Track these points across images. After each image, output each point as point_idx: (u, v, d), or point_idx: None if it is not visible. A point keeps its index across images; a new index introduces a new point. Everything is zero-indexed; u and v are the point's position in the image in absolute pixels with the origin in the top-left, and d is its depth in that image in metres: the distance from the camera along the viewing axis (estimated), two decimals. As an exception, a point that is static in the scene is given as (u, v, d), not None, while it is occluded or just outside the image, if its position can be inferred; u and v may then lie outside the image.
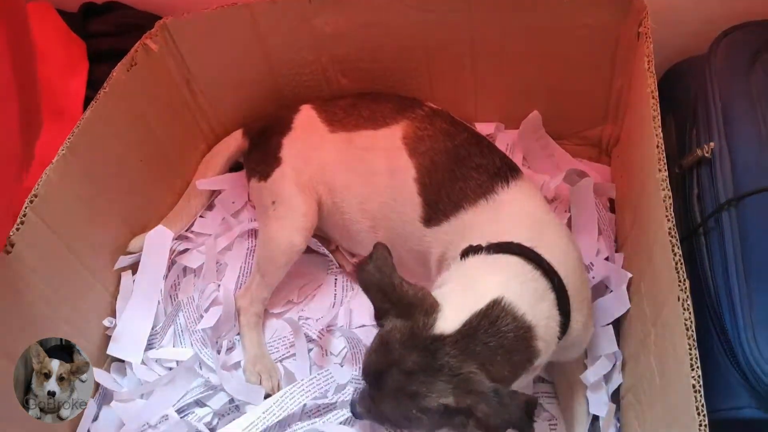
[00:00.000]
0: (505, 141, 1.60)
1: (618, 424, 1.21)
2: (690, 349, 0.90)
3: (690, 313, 0.92)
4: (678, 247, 0.97)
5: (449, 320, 0.98)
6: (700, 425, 0.85)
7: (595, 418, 1.24)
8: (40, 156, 1.16)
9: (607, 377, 1.24)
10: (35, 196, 1.17)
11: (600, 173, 1.58)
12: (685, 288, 0.94)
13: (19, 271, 1.14)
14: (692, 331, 0.91)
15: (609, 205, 1.52)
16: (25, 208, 1.15)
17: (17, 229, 1.13)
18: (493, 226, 1.15)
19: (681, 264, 0.96)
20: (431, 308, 0.99)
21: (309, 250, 1.52)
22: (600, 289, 1.33)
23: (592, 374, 1.22)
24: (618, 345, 1.24)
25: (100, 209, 1.36)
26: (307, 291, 1.53)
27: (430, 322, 0.98)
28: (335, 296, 1.51)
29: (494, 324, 0.97)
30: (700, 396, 0.87)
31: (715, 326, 1.06)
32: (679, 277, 0.96)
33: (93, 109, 1.30)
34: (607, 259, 1.39)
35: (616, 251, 1.40)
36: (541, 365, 1.05)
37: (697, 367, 0.89)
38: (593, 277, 1.31)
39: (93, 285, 1.35)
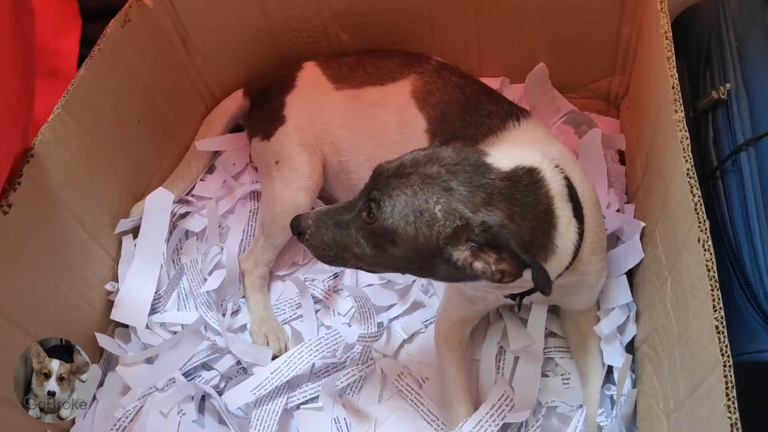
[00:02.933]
0: (511, 96, 1.55)
1: (633, 376, 1.19)
2: (712, 290, 0.87)
3: (711, 254, 0.90)
4: (697, 188, 0.94)
5: (499, 160, 0.95)
6: (725, 366, 0.82)
7: (609, 371, 1.22)
8: (36, 116, 1.13)
9: (620, 329, 1.22)
10: (31, 155, 1.14)
11: (609, 126, 1.55)
12: (705, 229, 0.91)
13: (18, 233, 1.11)
14: (714, 272, 0.88)
15: (618, 157, 1.49)
16: (22, 167, 1.12)
17: (14, 190, 1.10)
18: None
19: (701, 205, 0.93)
20: (481, 150, 0.98)
21: (314, 211, 1.50)
22: (612, 241, 1.30)
23: (606, 326, 1.20)
24: (631, 297, 1.22)
25: (99, 171, 1.33)
26: (313, 253, 1.50)
27: (482, 153, 0.96)
28: (341, 257, 1.49)
29: (533, 185, 0.94)
30: (724, 337, 0.84)
31: (735, 270, 1.03)
32: (698, 218, 0.93)
33: (87, 67, 1.26)
34: (618, 211, 1.37)
35: (627, 203, 1.37)
36: (554, 274, 0.99)
37: (720, 308, 0.86)
38: (605, 230, 1.28)
39: (94, 248, 1.33)
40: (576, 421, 1.17)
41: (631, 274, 1.25)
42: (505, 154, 0.98)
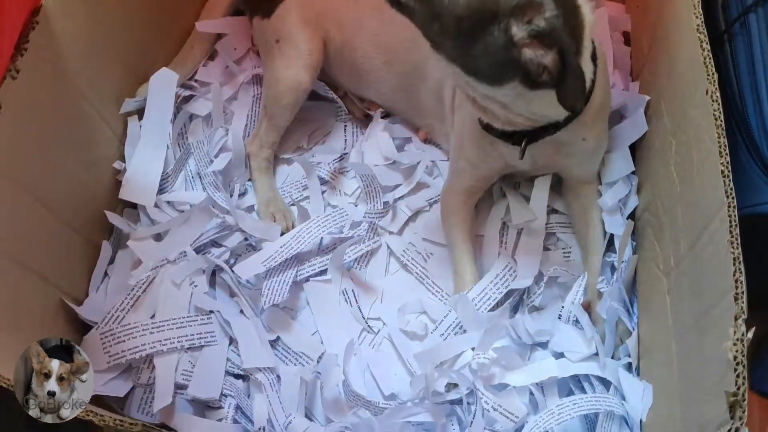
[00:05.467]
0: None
1: (634, 244, 1.22)
2: (719, 138, 0.90)
3: (718, 104, 0.91)
4: (706, 43, 0.95)
5: None
6: (729, 207, 0.85)
7: (610, 243, 1.25)
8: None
9: (623, 201, 1.25)
10: (36, 22, 1.12)
11: (614, 11, 1.54)
12: (714, 81, 0.93)
13: (26, 99, 1.10)
14: (721, 120, 0.90)
15: (624, 40, 1.49)
16: (28, 33, 1.11)
17: (21, 56, 1.09)
18: None
19: (710, 58, 0.95)
20: None
21: (317, 97, 1.49)
22: (616, 119, 1.31)
23: (609, 197, 1.23)
24: (634, 167, 1.25)
25: (103, 49, 1.31)
26: (317, 137, 1.51)
27: None
28: (345, 142, 1.50)
29: (576, 9, 0.93)
30: (729, 180, 0.87)
31: (741, 130, 1.06)
32: (707, 71, 0.94)
33: (87, -63, 1.23)
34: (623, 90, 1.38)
35: (632, 83, 1.38)
36: None
37: (726, 154, 0.88)
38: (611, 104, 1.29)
39: (100, 126, 1.32)
40: (577, 286, 1.20)
41: (633, 151, 1.27)
42: None
